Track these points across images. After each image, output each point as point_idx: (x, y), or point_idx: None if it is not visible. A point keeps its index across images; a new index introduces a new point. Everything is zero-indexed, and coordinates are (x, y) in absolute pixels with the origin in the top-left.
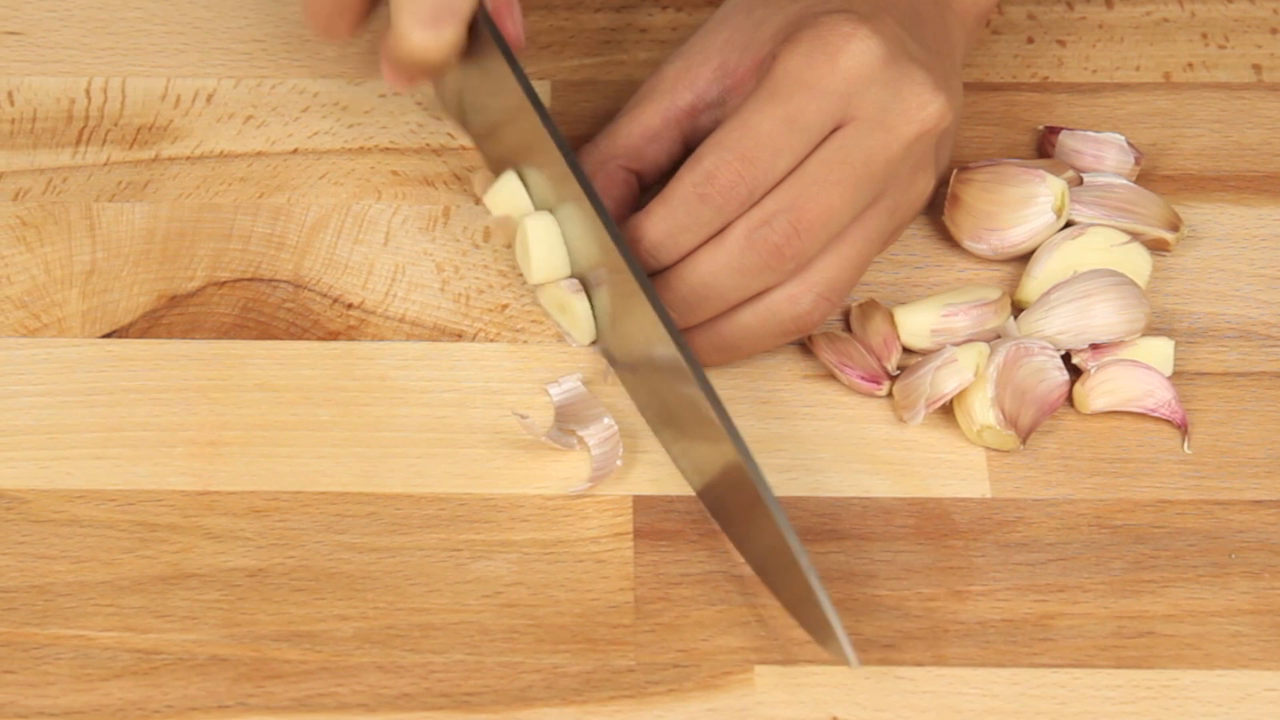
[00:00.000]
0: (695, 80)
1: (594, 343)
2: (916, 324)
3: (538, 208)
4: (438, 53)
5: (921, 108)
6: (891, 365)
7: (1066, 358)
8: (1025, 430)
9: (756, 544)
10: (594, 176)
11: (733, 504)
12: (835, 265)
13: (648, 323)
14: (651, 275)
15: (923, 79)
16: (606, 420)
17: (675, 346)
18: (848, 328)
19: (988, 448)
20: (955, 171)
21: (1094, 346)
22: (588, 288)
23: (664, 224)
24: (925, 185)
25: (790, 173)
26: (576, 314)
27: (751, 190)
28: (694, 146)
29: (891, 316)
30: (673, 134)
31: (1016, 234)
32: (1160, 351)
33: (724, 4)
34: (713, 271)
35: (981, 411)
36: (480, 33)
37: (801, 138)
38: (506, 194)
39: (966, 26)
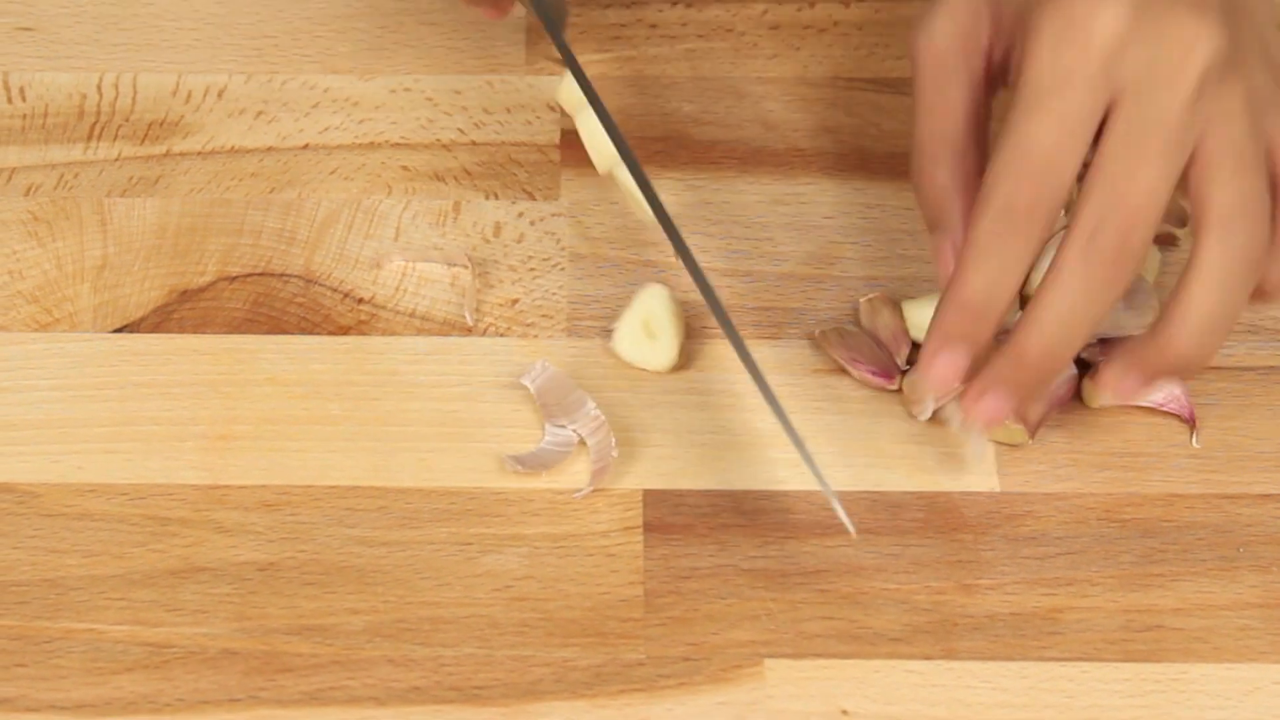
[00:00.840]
0: (980, 41)
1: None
2: (924, 318)
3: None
4: None
5: (1189, 47)
6: (901, 360)
7: None
8: (1034, 425)
9: None
10: (933, 191)
11: None
12: (1241, 190)
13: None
14: (1001, 340)
15: (1180, 15)
16: (590, 407)
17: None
18: (858, 322)
19: (996, 442)
20: None
21: (1103, 341)
22: None
23: (980, 277)
24: (1244, 89)
25: (1089, 175)
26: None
27: (1051, 206)
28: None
29: (900, 310)
30: (976, 106)
31: None
32: None
33: None
34: (1064, 307)
35: None
36: None
37: (1081, 134)
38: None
39: None
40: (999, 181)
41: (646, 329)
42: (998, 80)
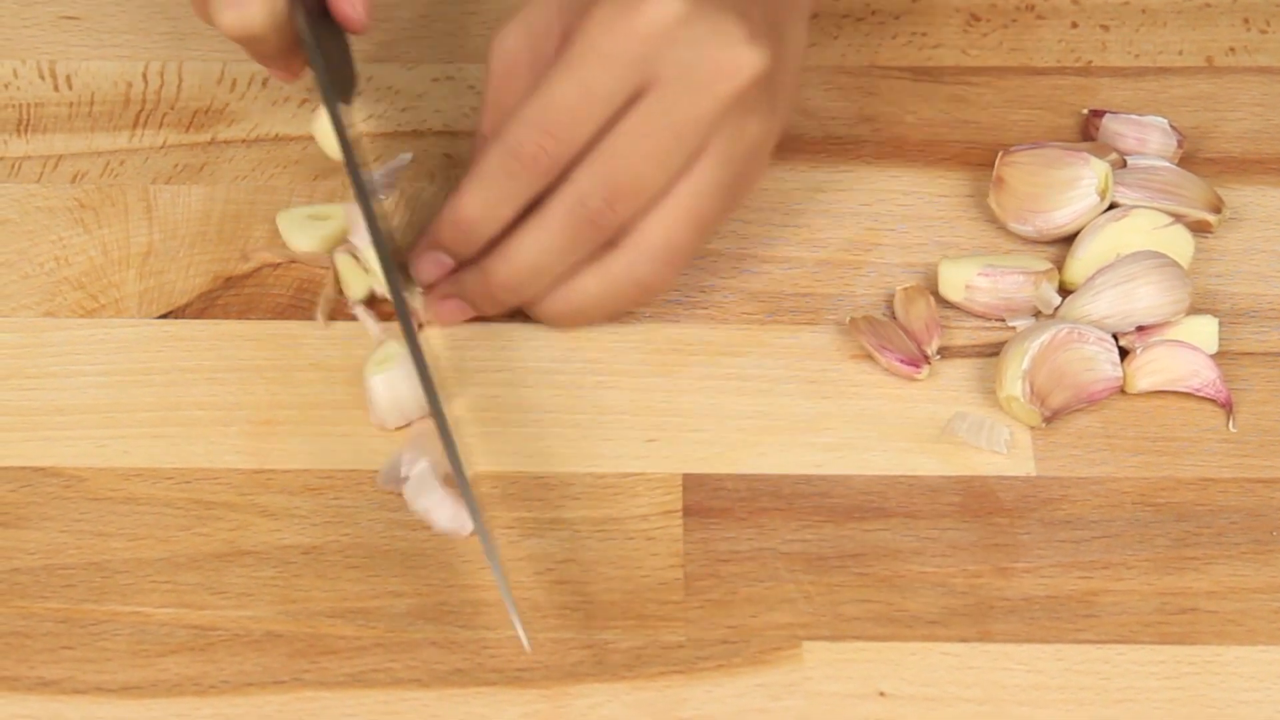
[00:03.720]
0: (542, 50)
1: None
2: (954, 276)
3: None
4: (245, 29)
5: (732, 62)
6: (932, 350)
7: (1114, 340)
8: (1052, 410)
9: None
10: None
11: None
12: (667, 226)
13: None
14: (480, 257)
15: (732, 31)
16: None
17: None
18: (891, 311)
19: (1015, 419)
20: (1000, 154)
21: (1140, 328)
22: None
23: (478, 200)
24: (761, 130)
25: (598, 140)
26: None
27: (555, 159)
28: None
29: (933, 302)
30: None
31: (1061, 215)
32: (1205, 330)
33: None
34: (536, 250)
35: (1011, 382)
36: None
37: (601, 106)
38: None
39: None
40: (513, 127)
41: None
42: None
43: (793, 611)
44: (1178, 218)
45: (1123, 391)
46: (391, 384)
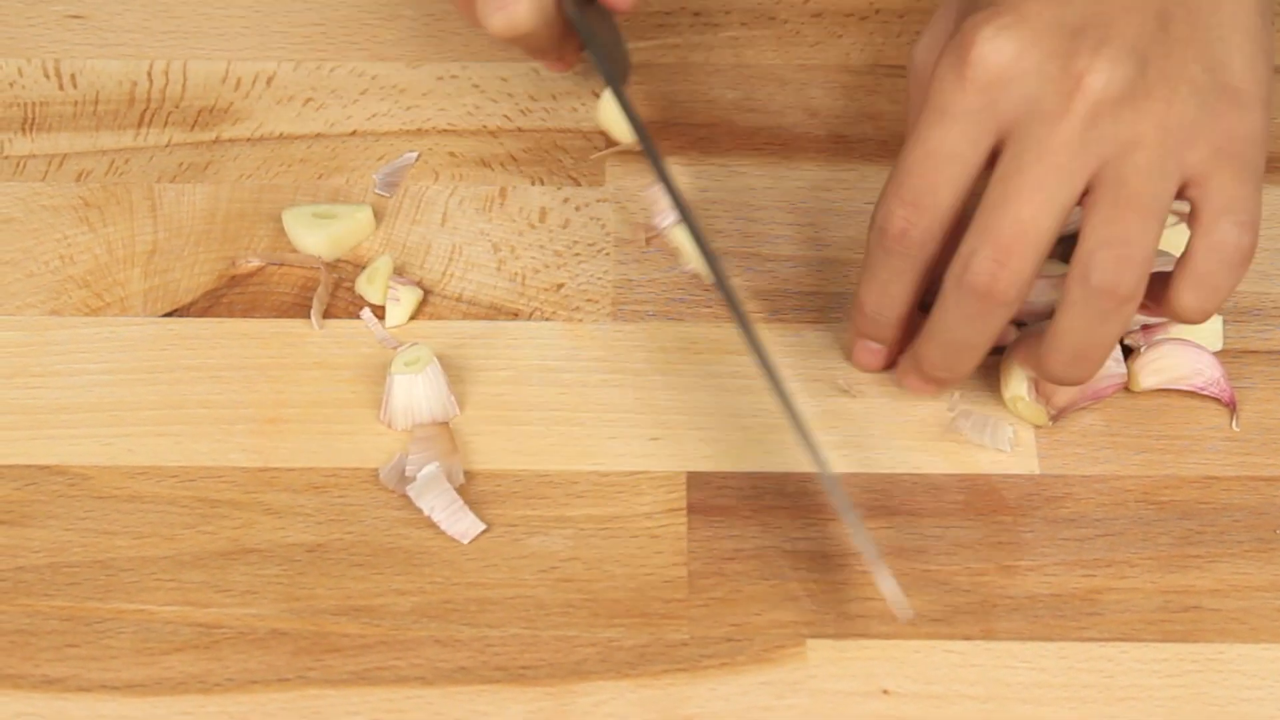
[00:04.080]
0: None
1: None
2: None
3: None
4: (515, 28)
5: (1075, 83)
6: None
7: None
8: (1058, 409)
9: None
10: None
11: None
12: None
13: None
14: (904, 349)
15: (1069, 49)
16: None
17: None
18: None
19: (1020, 418)
20: None
21: (1144, 327)
22: None
23: (868, 288)
24: (1156, 115)
25: (973, 202)
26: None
27: (925, 231)
28: None
29: None
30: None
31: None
32: (1209, 328)
33: None
34: (944, 328)
35: (1017, 382)
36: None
37: (955, 168)
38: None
39: None
40: (880, 205)
41: None
42: None
43: (796, 609)
44: (1182, 217)
45: (1127, 390)
46: (410, 387)
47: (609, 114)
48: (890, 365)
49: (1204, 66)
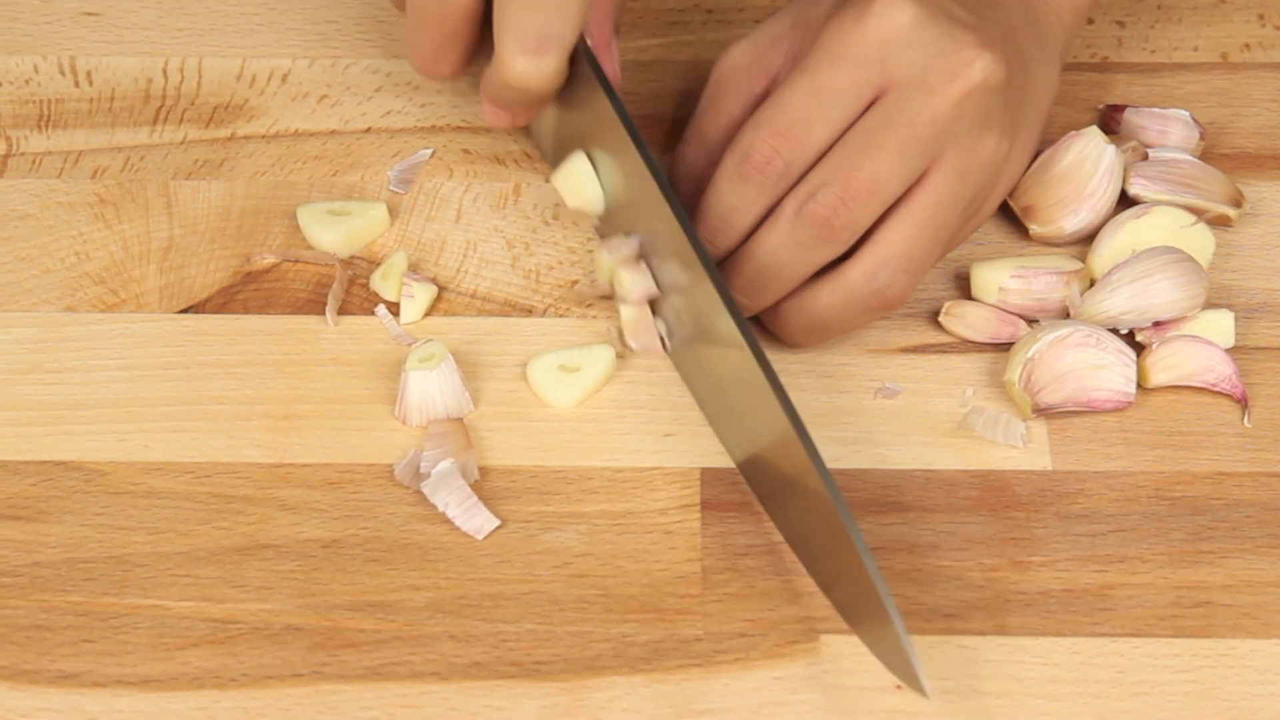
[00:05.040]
0: (769, 66)
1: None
2: (988, 279)
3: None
4: (539, 80)
5: (965, 65)
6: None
7: (1130, 335)
8: (1041, 406)
9: (801, 522)
10: (690, 174)
11: (782, 479)
12: (905, 235)
13: (712, 304)
14: (718, 262)
15: (963, 36)
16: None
17: (737, 329)
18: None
19: (1014, 403)
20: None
21: (1156, 324)
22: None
23: (715, 207)
24: (997, 145)
25: (833, 144)
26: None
27: (789, 164)
28: None
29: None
30: None
31: (1080, 198)
32: (1221, 324)
33: None
34: (771, 250)
35: (1014, 367)
36: (580, 67)
37: (836, 108)
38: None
39: (1060, 15)
40: (747, 132)
41: (564, 368)
42: None
43: (810, 605)
44: (1198, 212)
45: (1139, 386)
46: (425, 383)
47: (576, 182)
48: None
49: (1034, 104)
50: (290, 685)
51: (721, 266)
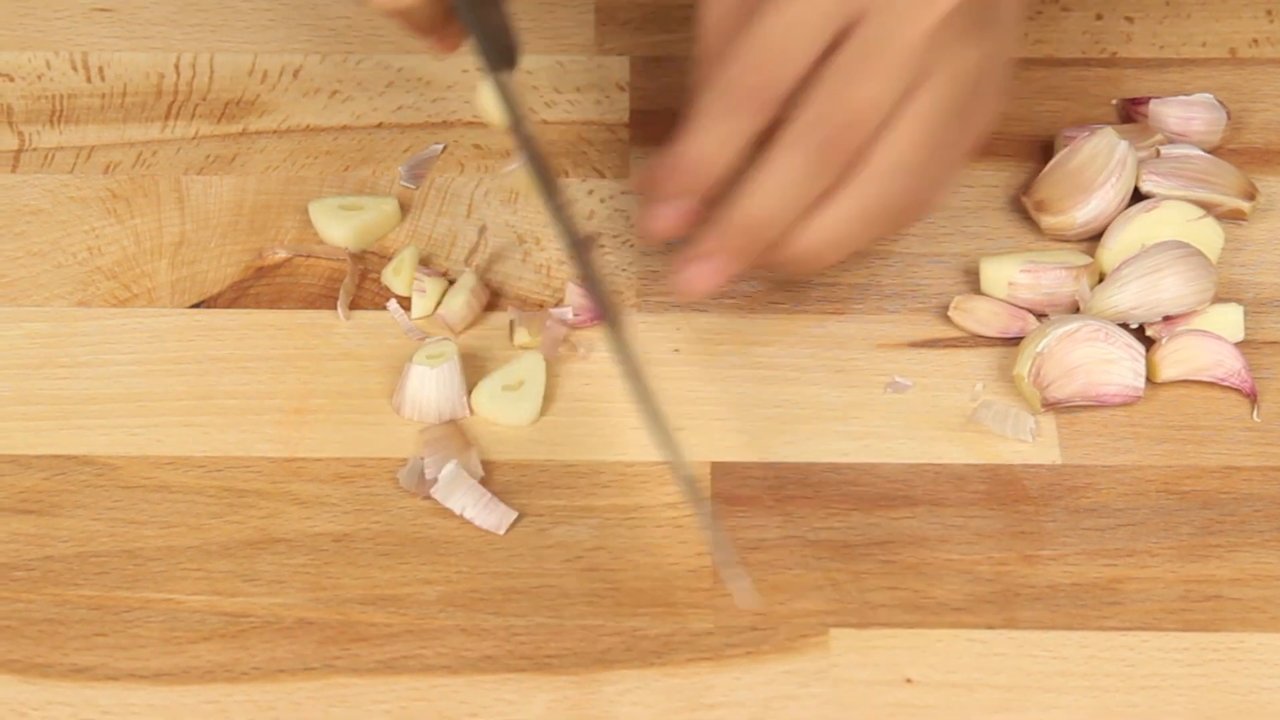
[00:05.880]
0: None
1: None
2: (997, 274)
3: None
4: (396, 5)
5: None
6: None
7: (1140, 330)
8: (1051, 401)
9: None
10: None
11: None
12: (901, 146)
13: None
14: (713, 208)
15: None
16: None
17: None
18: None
19: (1024, 397)
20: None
21: (1166, 318)
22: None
23: (698, 144)
24: (980, 56)
25: (819, 73)
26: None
27: (772, 93)
28: None
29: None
30: None
31: (1091, 189)
32: (1230, 318)
33: None
34: (779, 180)
35: (1023, 361)
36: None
37: (811, 37)
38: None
39: None
40: (730, 62)
41: (507, 388)
42: None
43: (820, 599)
44: (1211, 207)
45: (1148, 381)
46: (424, 380)
47: (486, 102)
48: (676, 234)
49: (1004, 32)
50: (302, 679)
51: (707, 226)
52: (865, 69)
